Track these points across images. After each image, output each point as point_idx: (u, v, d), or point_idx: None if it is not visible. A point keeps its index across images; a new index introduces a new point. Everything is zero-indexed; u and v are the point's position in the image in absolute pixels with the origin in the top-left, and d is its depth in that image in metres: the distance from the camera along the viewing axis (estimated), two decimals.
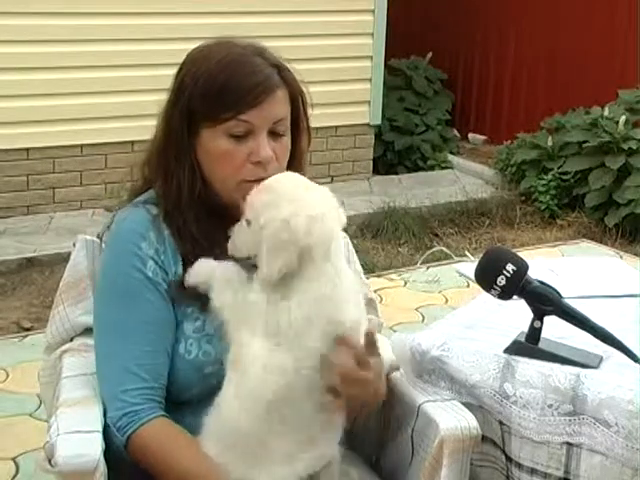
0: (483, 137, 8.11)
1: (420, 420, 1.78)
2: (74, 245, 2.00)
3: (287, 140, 1.78)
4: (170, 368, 1.74)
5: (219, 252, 1.71)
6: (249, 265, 1.65)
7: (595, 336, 1.82)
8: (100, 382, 1.75)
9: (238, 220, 1.68)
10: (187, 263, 1.73)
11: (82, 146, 5.89)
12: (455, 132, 7.98)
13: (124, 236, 1.76)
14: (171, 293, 1.74)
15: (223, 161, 1.73)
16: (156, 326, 1.72)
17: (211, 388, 1.72)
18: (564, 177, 6.31)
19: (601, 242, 5.55)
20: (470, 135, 8.18)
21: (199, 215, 1.75)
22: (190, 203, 1.75)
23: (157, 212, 1.76)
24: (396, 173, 7.21)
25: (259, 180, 1.69)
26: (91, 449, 1.59)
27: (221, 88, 1.70)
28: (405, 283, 4.73)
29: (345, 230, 1.72)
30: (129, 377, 1.70)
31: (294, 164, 1.81)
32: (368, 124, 6.90)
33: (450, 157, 7.44)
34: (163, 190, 1.77)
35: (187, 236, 1.75)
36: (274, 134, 1.74)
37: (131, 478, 1.77)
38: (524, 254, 1.96)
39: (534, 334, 1.85)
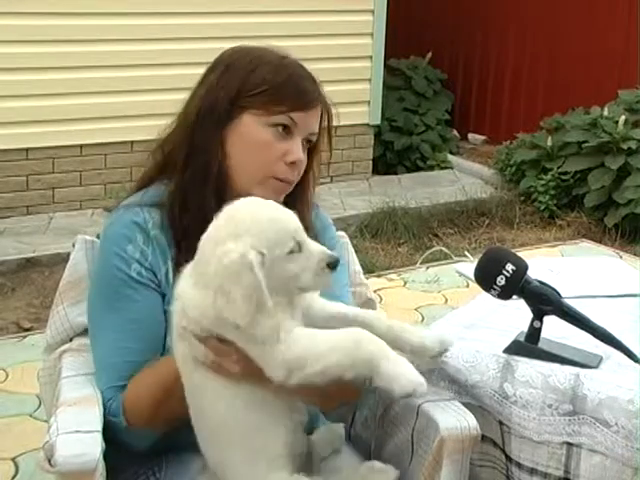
0: (483, 137, 8.11)
1: (420, 420, 1.78)
2: (73, 245, 2.00)
3: (306, 156, 1.82)
4: None
5: None
6: None
7: (595, 336, 1.83)
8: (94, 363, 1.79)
9: None
10: (181, 249, 1.74)
11: (82, 146, 5.89)
12: (455, 132, 7.98)
13: (111, 239, 1.78)
14: (161, 290, 1.76)
15: (259, 151, 1.76)
16: (142, 323, 1.74)
17: None
18: (564, 177, 6.32)
19: (601, 242, 5.54)
20: (470, 135, 8.18)
21: (218, 201, 1.72)
22: (216, 181, 1.76)
23: (143, 218, 1.77)
24: (396, 173, 7.22)
25: (287, 181, 1.77)
26: (91, 449, 1.58)
27: (283, 82, 1.75)
28: (405, 283, 4.72)
29: (344, 230, 1.73)
30: (112, 374, 1.73)
31: (303, 183, 1.85)
32: (368, 124, 6.91)
33: (450, 157, 7.45)
34: (186, 163, 1.77)
35: (202, 223, 1.71)
36: (302, 144, 1.79)
37: (131, 477, 1.78)
38: (524, 254, 1.96)
39: (534, 334, 1.85)
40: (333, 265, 1.56)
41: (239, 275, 1.47)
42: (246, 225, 1.52)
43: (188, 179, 1.77)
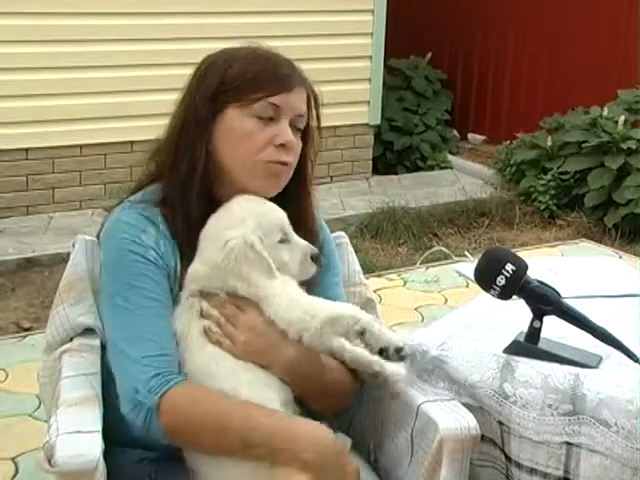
0: (482, 137, 8.11)
1: (419, 420, 1.78)
2: (73, 245, 2.00)
3: (300, 141, 1.83)
4: None
5: None
6: None
7: (594, 336, 1.83)
8: (116, 357, 1.73)
9: None
10: (184, 251, 1.78)
11: (82, 146, 5.88)
12: (454, 132, 7.98)
13: (123, 230, 1.78)
14: (170, 284, 1.77)
15: (246, 141, 1.78)
16: (161, 302, 1.74)
17: None
18: (563, 177, 6.32)
19: (600, 242, 5.54)
20: (469, 135, 8.18)
21: (203, 201, 1.78)
22: (200, 183, 1.78)
23: (150, 213, 1.79)
24: (395, 173, 7.21)
25: (280, 162, 1.79)
26: (91, 449, 1.59)
27: (257, 72, 1.79)
28: (404, 283, 4.72)
29: (344, 230, 1.76)
30: (146, 345, 1.69)
31: (301, 172, 1.88)
32: (367, 124, 6.90)
33: (449, 157, 7.45)
34: (173, 168, 1.80)
35: (187, 222, 1.78)
36: (293, 128, 1.80)
37: (131, 478, 1.78)
38: (523, 254, 1.96)
39: (534, 334, 1.86)
40: (315, 258, 1.79)
41: (245, 255, 1.70)
42: (243, 216, 1.74)
43: (174, 185, 1.79)
